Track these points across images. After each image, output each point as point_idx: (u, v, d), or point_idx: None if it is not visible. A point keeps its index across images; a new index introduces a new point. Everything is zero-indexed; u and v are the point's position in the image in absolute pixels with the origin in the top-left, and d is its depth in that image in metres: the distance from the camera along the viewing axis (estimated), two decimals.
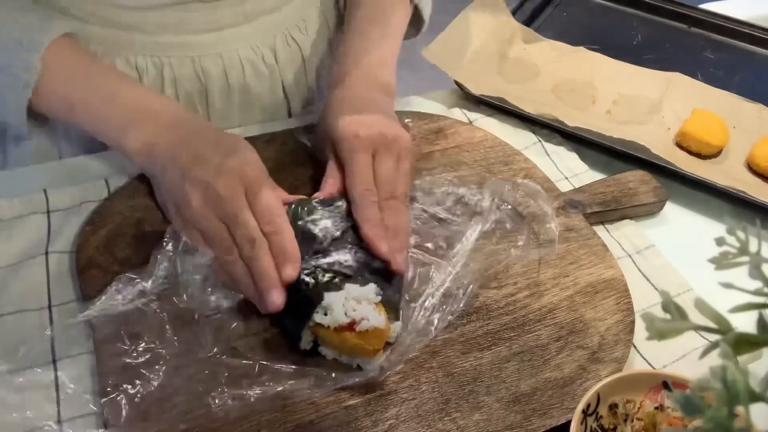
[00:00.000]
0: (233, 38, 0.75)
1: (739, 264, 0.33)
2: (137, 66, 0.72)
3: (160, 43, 0.71)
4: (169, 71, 0.73)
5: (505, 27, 0.92)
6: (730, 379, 0.28)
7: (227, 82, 0.76)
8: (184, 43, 0.72)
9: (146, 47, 0.71)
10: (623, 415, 0.49)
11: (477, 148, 0.75)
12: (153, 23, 0.70)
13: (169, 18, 0.70)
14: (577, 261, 0.64)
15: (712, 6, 1.05)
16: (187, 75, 0.74)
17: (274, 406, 0.51)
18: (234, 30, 0.74)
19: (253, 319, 0.56)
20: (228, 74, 0.75)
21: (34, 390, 0.51)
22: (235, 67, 0.76)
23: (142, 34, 0.70)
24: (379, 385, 0.53)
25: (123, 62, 0.71)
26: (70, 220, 0.63)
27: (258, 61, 0.77)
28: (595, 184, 0.72)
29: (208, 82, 0.75)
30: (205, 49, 0.73)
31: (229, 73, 0.75)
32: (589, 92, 0.85)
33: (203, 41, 0.73)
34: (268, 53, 0.78)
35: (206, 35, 0.73)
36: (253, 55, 0.77)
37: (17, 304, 0.57)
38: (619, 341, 0.58)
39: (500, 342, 0.57)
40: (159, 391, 0.50)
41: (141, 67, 0.72)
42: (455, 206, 0.66)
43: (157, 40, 0.71)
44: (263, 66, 0.78)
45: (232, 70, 0.76)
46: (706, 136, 0.77)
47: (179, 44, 0.72)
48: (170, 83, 0.73)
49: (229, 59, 0.75)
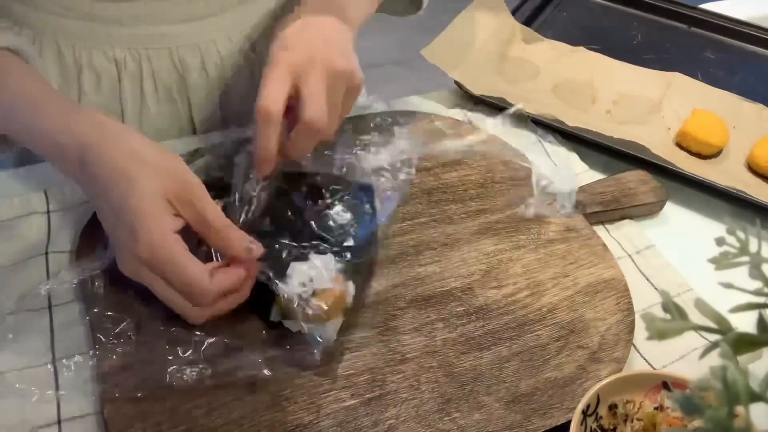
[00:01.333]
0: (210, 29, 0.74)
1: (739, 264, 0.33)
2: (116, 59, 0.71)
3: (137, 35, 0.71)
4: (147, 64, 0.73)
5: (505, 27, 0.92)
6: (730, 379, 0.28)
7: (206, 73, 0.76)
8: (161, 34, 0.72)
9: (123, 39, 0.71)
10: (623, 415, 0.49)
11: (477, 148, 0.75)
12: (129, 15, 0.70)
13: (144, 9, 0.70)
14: (577, 261, 0.64)
15: (712, 6, 1.05)
16: (165, 67, 0.74)
17: (274, 406, 0.51)
18: (210, 20, 0.74)
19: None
20: (206, 66, 0.75)
21: (34, 390, 0.51)
22: (212, 58, 0.75)
23: (119, 27, 0.70)
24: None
25: (102, 56, 0.71)
26: (70, 220, 0.63)
27: (236, 51, 0.77)
28: (595, 184, 0.72)
29: (187, 74, 0.75)
30: (181, 40, 0.73)
31: (206, 64, 0.75)
32: (589, 92, 0.85)
33: (180, 32, 0.73)
34: (246, 44, 0.78)
35: (182, 25, 0.72)
36: (231, 45, 0.76)
37: (17, 303, 0.57)
38: (619, 341, 0.58)
39: (500, 342, 0.57)
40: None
41: (120, 60, 0.72)
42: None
43: (134, 32, 0.71)
44: (240, 57, 0.78)
45: (209, 61, 0.75)
46: (706, 136, 0.77)
47: (156, 35, 0.72)
48: (149, 76, 0.73)
49: (206, 50, 0.75)
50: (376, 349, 0.56)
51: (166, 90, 0.75)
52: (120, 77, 0.73)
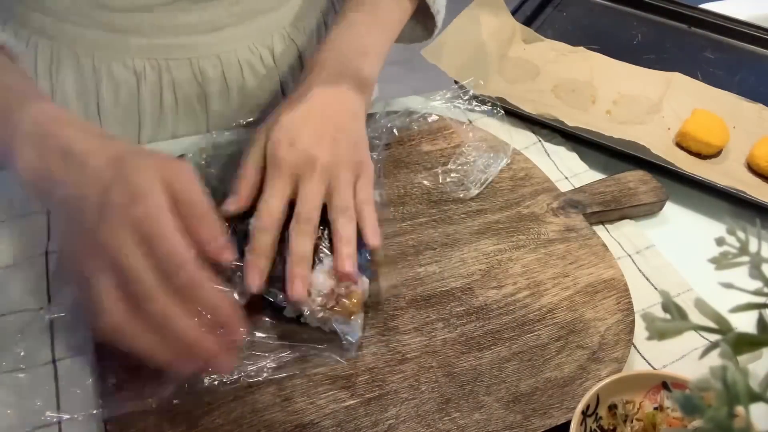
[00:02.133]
0: (230, 39, 0.74)
1: (739, 264, 0.33)
2: (135, 69, 0.71)
3: (157, 45, 0.71)
4: (167, 74, 0.72)
5: (505, 27, 0.92)
6: (730, 379, 0.28)
7: (225, 83, 0.76)
8: (181, 45, 0.72)
9: (143, 50, 0.71)
10: (623, 416, 0.49)
11: (477, 147, 0.75)
12: (148, 25, 0.70)
13: (163, 19, 0.70)
14: (577, 261, 0.64)
15: (712, 6, 1.05)
16: (185, 77, 0.74)
17: (274, 406, 0.51)
18: (231, 30, 0.74)
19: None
20: (226, 76, 0.75)
21: (34, 390, 0.51)
22: (233, 68, 0.75)
23: (139, 37, 0.70)
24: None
25: (121, 66, 0.71)
26: None
27: (256, 61, 0.77)
28: (595, 184, 0.72)
29: (206, 84, 0.75)
30: (202, 50, 0.73)
31: (227, 74, 0.75)
32: (589, 92, 0.85)
33: (200, 42, 0.73)
34: (266, 54, 0.78)
35: (203, 36, 0.72)
36: (251, 55, 0.76)
37: (17, 304, 0.57)
38: (619, 341, 0.58)
39: (500, 342, 0.57)
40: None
41: (139, 71, 0.71)
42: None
43: (154, 42, 0.71)
44: (261, 67, 0.78)
45: (230, 71, 0.75)
46: (706, 136, 0.77)
47: (176, 46, 0.72)
48: (168, 86, 0.73)
49: (227, 60, 0.75)
50: (375, 349, 0.56)
51: (186, 100, 0.75)
52: (139, 87, 0.72)
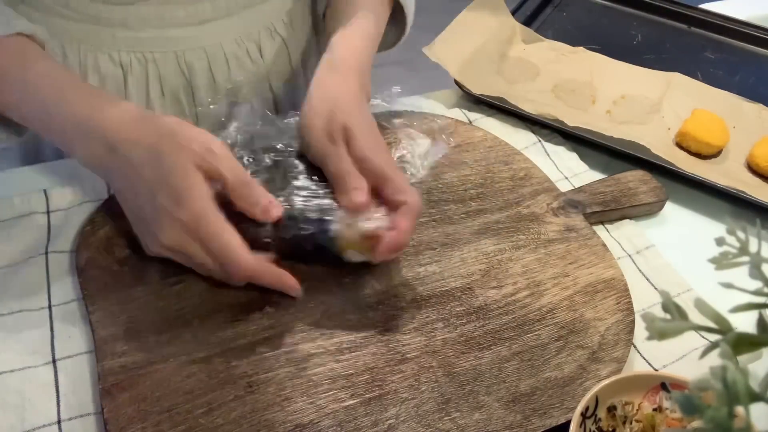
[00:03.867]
0: (216, 32, 0.74)
1: (739, 264, 0.33)
2: (122, 63, 0.71)
3: (143, 38, 0.71)
4: (153, 68, 0.72)
5: (505, 27, 0.92)
6: (730, 379, 0.28)
7: (212, 77, 0.76)
8: (167, 38, 0.72)
9: (129, 43, 0.71)
10: (622, 417, 0.49)
11: (477, 147, 0.75)
12: (134, 18, 0.69)
13: (149, 12, 0.70)
14: (577, 261, 0.64)
15: (712, 6, 1.05)
16: (171, 71, 0.73)
17: (274, 406, 0.51)
18: (217, 23, 0.73)
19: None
20: (213, 69, 0.75)
21: (34, 390, 0.51)
22: (219, 62, 0.75)
23: (125, 30, 0.70)
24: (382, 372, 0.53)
25: (107, 59, 0.71)
26: (70, 220, 0.63)
27: (242, 55, 0.77)
28: (595, 184, 0.72)
29: (193, 77, 0.75)
30: (188, 44, 0.73)
31: (213, 68, 0.75)
32: (589, 92, 0.85)
33: (186, 35, 0.72)
34: (253, 48, 0.77)
35: (189, 29, 0.72)
36: (238, 49, 0.76)
37: (17, 304, 0.57)
38: (619, 341, 0.58)
39: (500, 342, 0.57)
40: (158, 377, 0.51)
41: (125, 64, 0.71)
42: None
43: (140, 36, 0.71)
44: (248, 61, 0.77)
45: (216, 65, 0.75)
46: (706, 136, 0.77)
47: (162, 39, 0.72)
48: (155, 80, 0.73)
49: (213, 54, 0.75)
50: (375, 348, 0.56)
51: (173, 93, 0.75)
52: (126, 80, 0.72)
